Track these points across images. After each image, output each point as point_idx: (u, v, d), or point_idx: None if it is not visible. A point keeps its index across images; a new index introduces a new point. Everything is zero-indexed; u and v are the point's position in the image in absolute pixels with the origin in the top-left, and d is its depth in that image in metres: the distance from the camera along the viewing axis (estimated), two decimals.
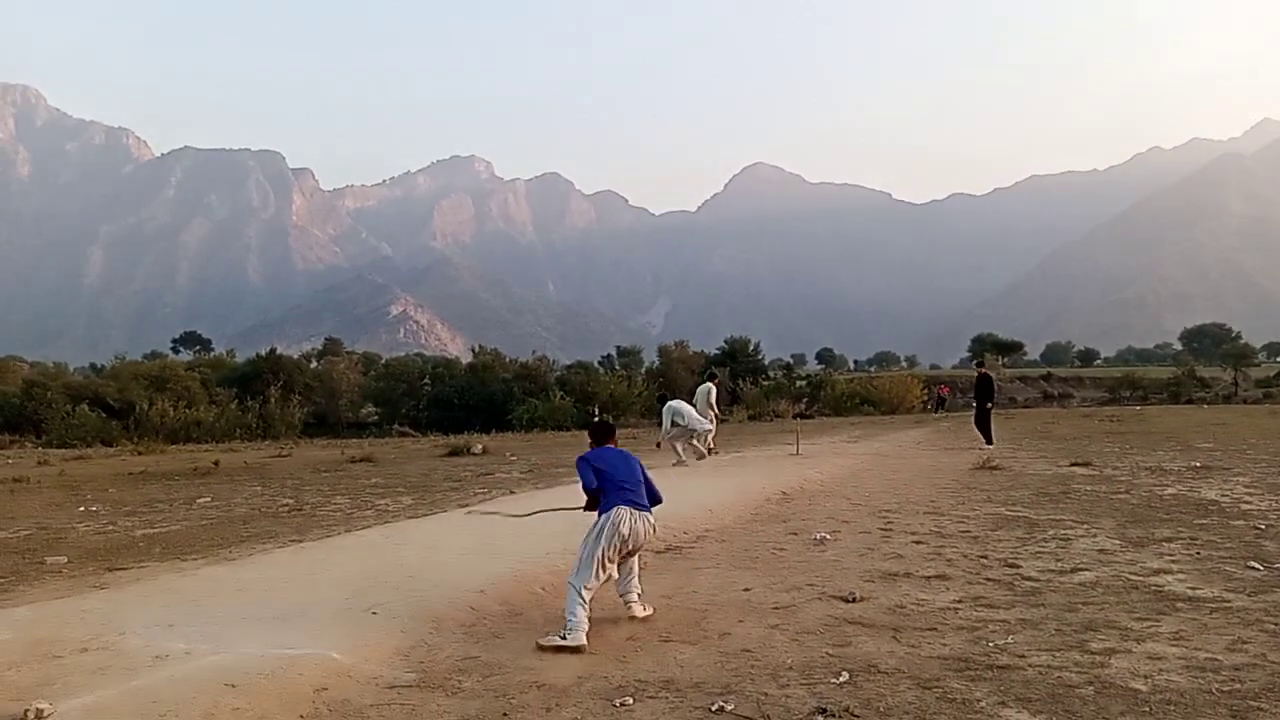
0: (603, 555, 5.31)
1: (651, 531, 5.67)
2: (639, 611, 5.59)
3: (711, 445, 17.15)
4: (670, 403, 16.62)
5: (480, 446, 22.68)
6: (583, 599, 5.13)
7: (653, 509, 5.73)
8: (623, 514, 5.43)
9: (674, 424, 16.00)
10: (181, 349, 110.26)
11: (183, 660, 4.38)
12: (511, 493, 12.63)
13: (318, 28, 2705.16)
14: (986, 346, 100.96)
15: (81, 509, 12.00)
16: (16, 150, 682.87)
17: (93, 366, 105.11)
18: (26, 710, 3.61)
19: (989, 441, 18.82)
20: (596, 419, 20.19)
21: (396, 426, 52.81)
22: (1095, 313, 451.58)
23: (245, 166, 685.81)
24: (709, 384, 18.33)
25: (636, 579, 5.74)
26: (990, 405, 19.79)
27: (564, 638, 4.91)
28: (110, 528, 10.02)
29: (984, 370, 21.46)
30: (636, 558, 5.75)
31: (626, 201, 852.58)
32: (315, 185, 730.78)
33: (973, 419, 20.73)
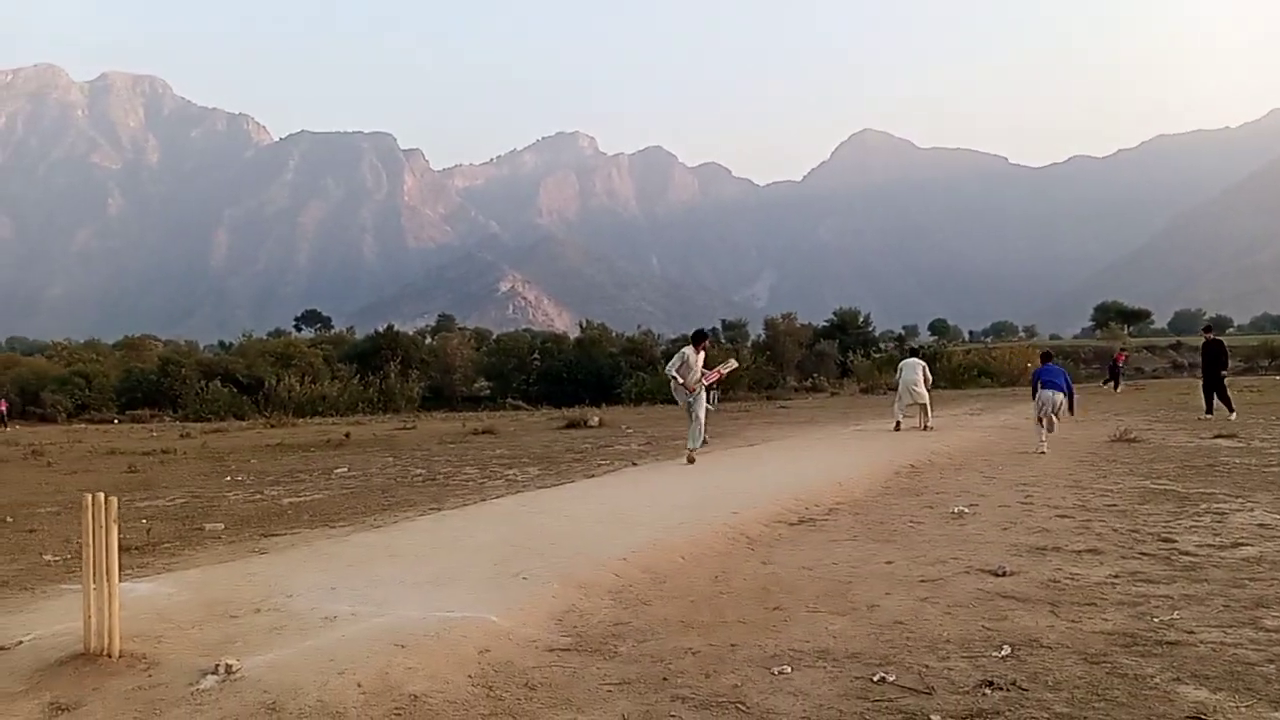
0: (1037, 414, 13.16)
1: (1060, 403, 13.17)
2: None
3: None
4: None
5: (597, 419, 22.97)
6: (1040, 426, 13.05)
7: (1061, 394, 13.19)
8: (1045, 394, 12.98)
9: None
10: (304, 326, 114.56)
11: (351, 621, 4.57)
12: (634, 464, 12.76)
13: (425, 9, 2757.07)
14: (1111, 315, 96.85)
15: (228, 479, 12.64)
16: (146, 139, 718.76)
17: (221, 344, 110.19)
18: (217, 665, 3.82)
19: (1230, 409, 17.94)
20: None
21: (510, 400, 53.88)
22: (1227, 279, 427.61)
23: (359, 148, 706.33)
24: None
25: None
26: (1224, 372, 18.90)
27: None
28: (258, 496, 10.52)
29: (1213, 335, 20.39)
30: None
31: (730, 173, 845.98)
32: (425, 165, 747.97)
33: (1201, 387, 19.80)
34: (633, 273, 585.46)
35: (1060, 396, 13.12)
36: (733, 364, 12.69)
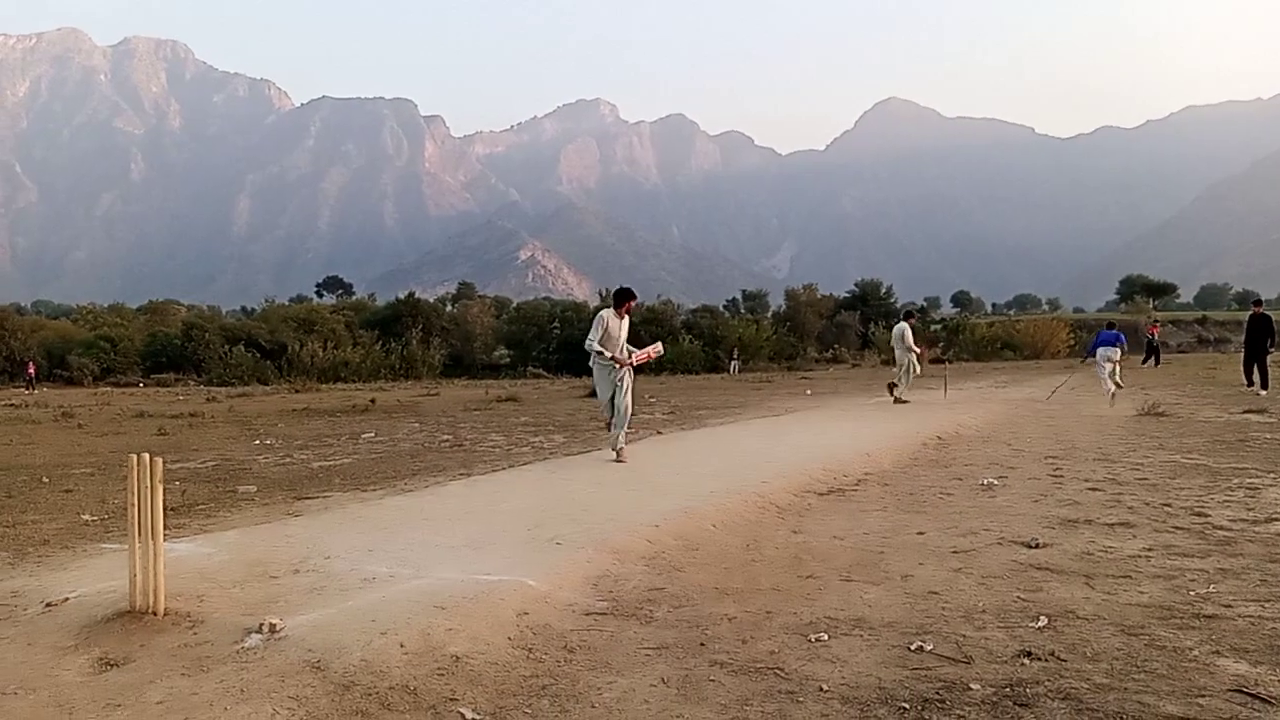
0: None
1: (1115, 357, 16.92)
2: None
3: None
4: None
5: None
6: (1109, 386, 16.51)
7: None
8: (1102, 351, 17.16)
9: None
10: (325, 293, 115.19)
11: (389, 583, 4.62)
12: (659, 433, 12.78)
13: None
14: (1136, 288, 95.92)
15: (257, 442, 12.76)
16: (169, 103, 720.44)
17: (243, 309, 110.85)
18: (261, 624, 3.87)
19: (1265, 386, 17.68)
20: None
21: (531, 368, 54.02)
22: (1255, 253, 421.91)
23: (380, 115, 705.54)
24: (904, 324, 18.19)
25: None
26: (1272, 347, 18.59)
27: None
28: (288, 460, 10.62)
29: (1262, 309, 20.08)
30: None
31: (752, 142, 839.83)
32: (446, 132, 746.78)
33: (1242, 361, 19.50)
34: (652, 242, 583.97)
35: (1116, 351, 17.26)
36: (659, 348, 10.26)
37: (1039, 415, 14.58)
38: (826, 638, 4.04)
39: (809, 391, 23.11)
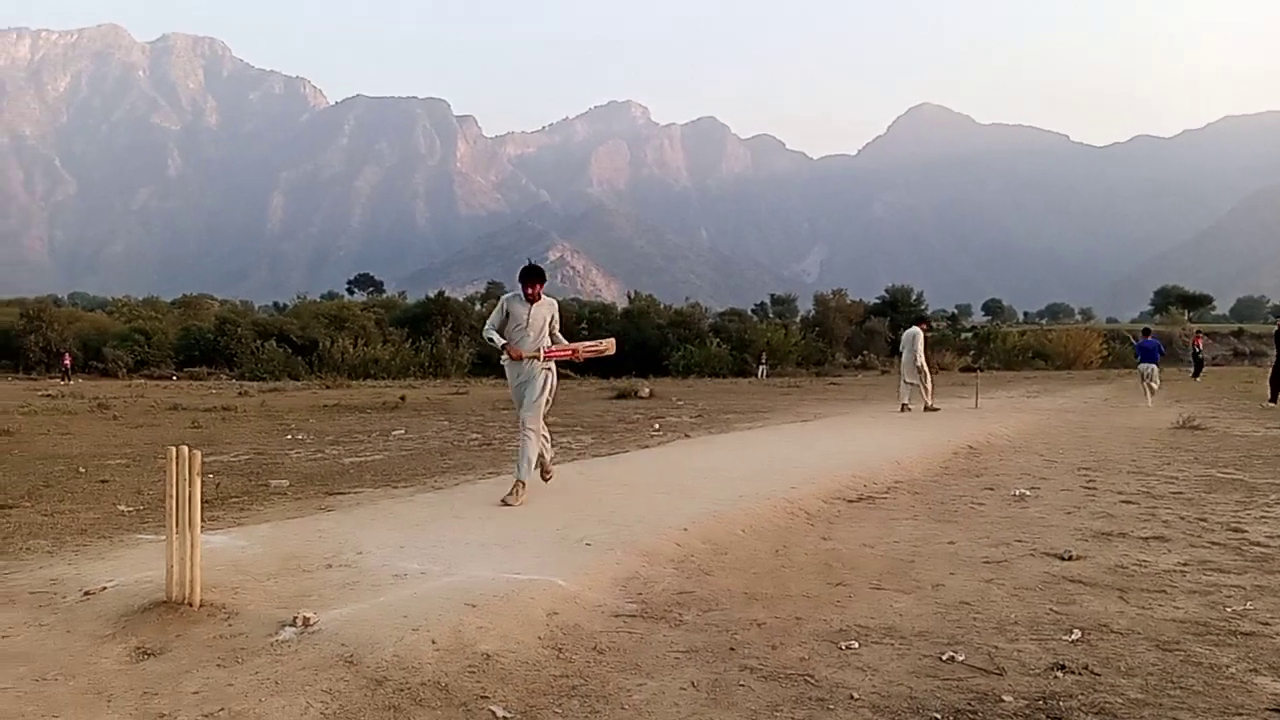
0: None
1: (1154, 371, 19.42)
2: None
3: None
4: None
5: (647, 390, 23.06)
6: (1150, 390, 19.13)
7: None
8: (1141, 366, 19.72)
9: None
10: (356, 290, 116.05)
11: (421, 579, 4.65)
12: (687, 436, 12.78)
13: None
14: (1171, 299, 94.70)
15: (288, 437, 12.89)
16: (206, 100, 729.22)
17: (275, 305, 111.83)
18: (295, 617, 3.91)
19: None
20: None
21: (557, 368, 54.11)
22: None
23: (413, 114, 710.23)
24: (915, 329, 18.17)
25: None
26: None
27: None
28: (319, 455, 10.73)
29: None
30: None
31: (784, 145, 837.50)
32: (478, 133, 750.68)
33: (1270, 376, 19.28)
34: (682, 245, 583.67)
35: (1153, 367, 18.82)
36: (610, 345, 8.23)
37: (1071, 426, 14.44)
38: (857, 645, 4.02)
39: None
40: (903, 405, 17.11)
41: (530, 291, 7.44)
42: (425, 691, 3.37)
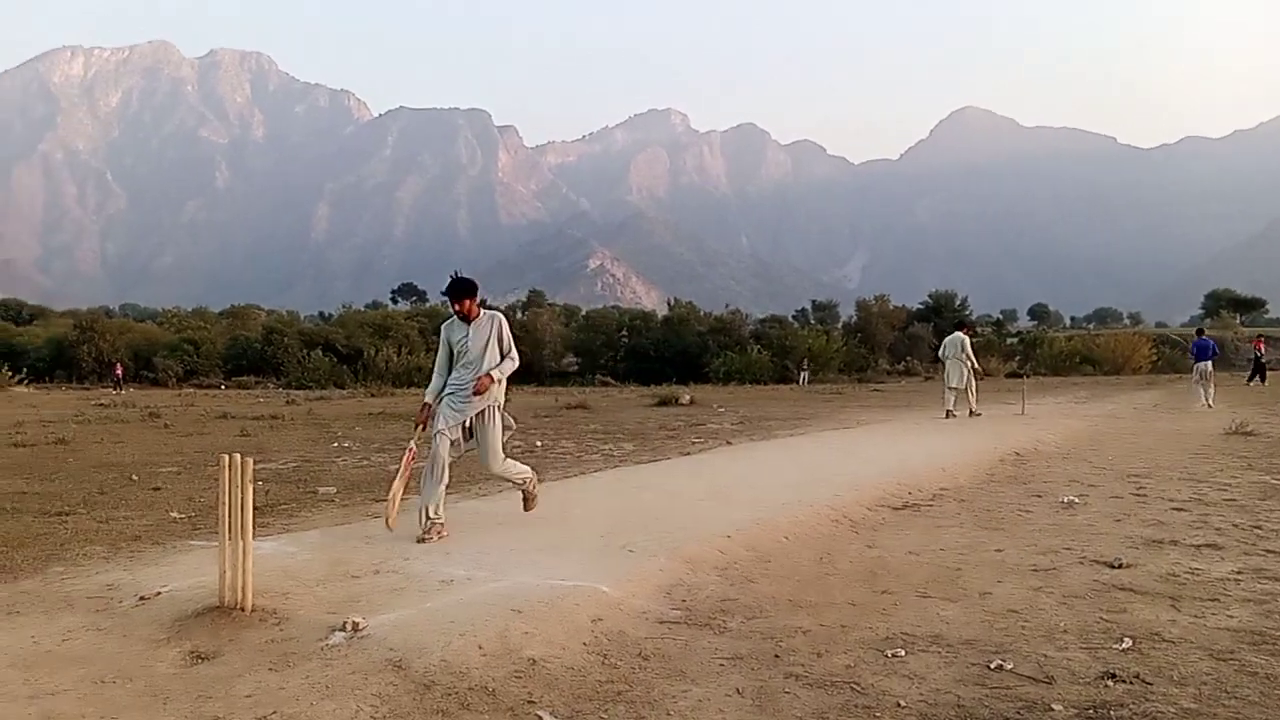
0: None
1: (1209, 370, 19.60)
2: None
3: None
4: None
5: (688, 397, 23.05)
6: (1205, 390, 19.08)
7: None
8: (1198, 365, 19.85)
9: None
10: (400, 299, 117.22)
11: (467, 585, 4.70)
12: (729, 443, 12.75)
13: None
14: (1222, 303, 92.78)
15: (335, 445, 13.06)
16: (253, 113, 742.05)
17: (321, 315, 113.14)
18: (345, 622, 3.97)
19: None
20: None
21: (599, 376, 54.31)
22: None
23: (455, 125, 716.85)
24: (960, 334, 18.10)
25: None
26: None
27: None
28: (365, 463, 10.86)
29: None
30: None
31: (824, 151, 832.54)
32: (519, 142, 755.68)
33: None
34: (721, 251, 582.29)
35: (1208, 365, 18.98)
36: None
37: (1120, 432, 14.20)
38: (903, 654, 3.99)
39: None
40: (947, 412, 16.95)
41: (460, 309, 6.15)
42: (473, 696, 3.41)
